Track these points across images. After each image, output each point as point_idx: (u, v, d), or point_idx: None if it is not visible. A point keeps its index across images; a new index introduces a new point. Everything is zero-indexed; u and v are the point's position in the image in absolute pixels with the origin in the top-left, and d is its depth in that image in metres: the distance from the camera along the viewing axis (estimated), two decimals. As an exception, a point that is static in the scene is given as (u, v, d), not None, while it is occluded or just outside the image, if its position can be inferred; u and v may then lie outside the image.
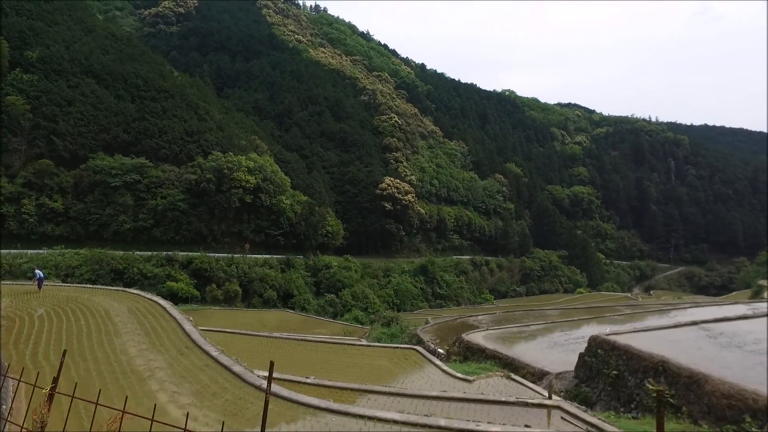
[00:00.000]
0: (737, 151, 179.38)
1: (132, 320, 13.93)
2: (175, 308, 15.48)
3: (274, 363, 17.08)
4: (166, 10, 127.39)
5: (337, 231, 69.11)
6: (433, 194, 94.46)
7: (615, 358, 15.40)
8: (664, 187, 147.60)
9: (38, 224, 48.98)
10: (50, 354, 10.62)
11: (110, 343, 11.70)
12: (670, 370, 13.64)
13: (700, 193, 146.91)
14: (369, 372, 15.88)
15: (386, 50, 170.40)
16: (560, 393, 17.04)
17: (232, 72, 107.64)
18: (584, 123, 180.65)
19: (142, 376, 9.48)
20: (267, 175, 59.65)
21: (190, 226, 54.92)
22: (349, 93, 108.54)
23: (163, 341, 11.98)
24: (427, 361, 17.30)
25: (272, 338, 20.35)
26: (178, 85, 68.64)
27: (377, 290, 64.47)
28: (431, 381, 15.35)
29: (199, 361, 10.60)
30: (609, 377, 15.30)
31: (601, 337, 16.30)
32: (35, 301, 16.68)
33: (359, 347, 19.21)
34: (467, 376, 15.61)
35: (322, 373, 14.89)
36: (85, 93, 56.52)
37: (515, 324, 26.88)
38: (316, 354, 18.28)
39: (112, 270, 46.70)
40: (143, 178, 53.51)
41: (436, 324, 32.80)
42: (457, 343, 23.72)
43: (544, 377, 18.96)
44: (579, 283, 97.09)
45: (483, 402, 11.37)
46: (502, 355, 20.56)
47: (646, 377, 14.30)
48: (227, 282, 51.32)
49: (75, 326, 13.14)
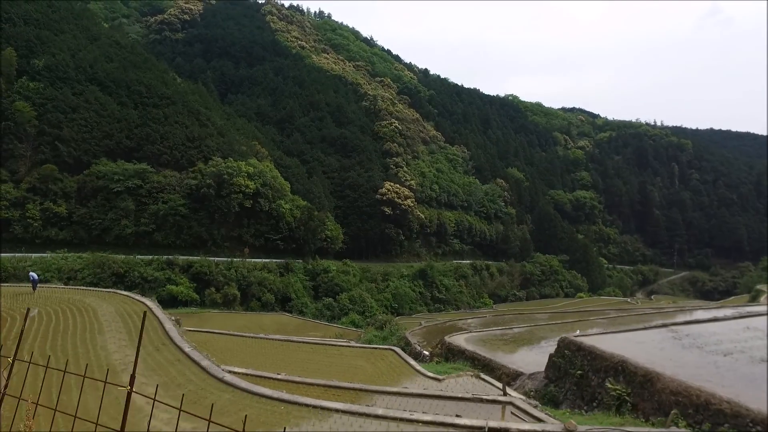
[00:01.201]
0: (743, 155, 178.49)
1: (117, 320, 14.74)
2: (159, 309, 16.27)
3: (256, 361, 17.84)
4: (172, 17, 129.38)
5: (336, 235, 69.90)
6: (433, 199, 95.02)
7: (580, 358, 15.98)
8: (667, 192, 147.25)
9: (42, 228, 50.23)
10: (35, 347, 11.43)
11: (93, 339, 12.50)
12: (628, 370, 14.21)
13: (703, 198, 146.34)
14: (344, 370, 16.54)
15: (389, 56, 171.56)
16: (530, 392, 17.66)
17: (236, 78, 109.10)
18: (587, 128, 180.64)
19: (116, 369, 10.25)
20: (266, 180, 60.62)
21: (191, 231, 55.96)
22: (351, 99, 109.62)
23: (142, 339, 12.74)
24: (402, 361, 17.94)
25: (258, 339, 21.11)
26: (180, 91, 69.95)
27: (375, 294, 65.11)
28: (403, 379, 15.99)
29: (171, 356, 11.36)
30: (574, 377, 15.89)
31: (569, 338, 16.89)
32: (30, 302, 17.55)
33: (339, 348, 19.91)
34: (438, 375, 16.22)
35: (299, 371, 15.60)
36: (89, 100, 57.87)
37: (499, 327, 27.44)
38: (297, 354, 18.99)
39: (113, 273, 47.74)
40: (145, 184, 54.65)
41: (425, 327, 33.40)
42: (440, 345, 24.36)
43: (518, 377, 19.58)
44: (580, 288, 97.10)
45: (441, 398, 12.02)
46: (480, 356, 21.19)
47: (607, 377, 14.87)
48: (226, 286, 52.22)
49: (62, 324, 13.97)
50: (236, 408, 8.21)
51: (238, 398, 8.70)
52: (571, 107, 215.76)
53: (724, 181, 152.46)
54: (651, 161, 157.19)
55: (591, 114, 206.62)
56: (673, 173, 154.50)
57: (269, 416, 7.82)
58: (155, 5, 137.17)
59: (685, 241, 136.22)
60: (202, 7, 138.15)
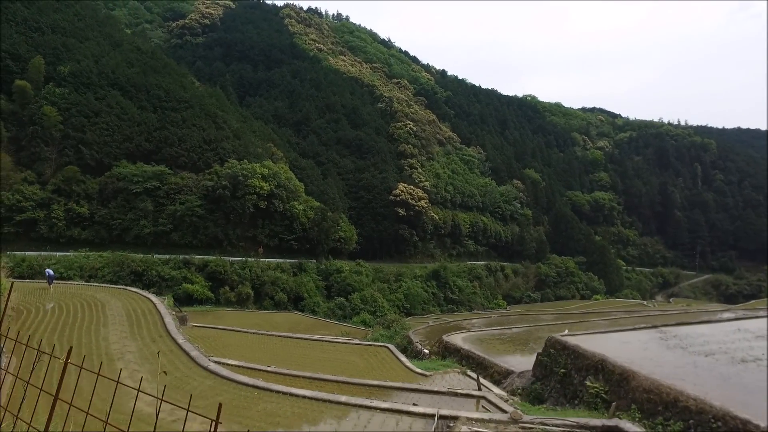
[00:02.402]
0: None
1: (122, 314, 15.77)
2: (162, 304, 17.28)
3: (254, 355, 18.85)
4: (193, 21, 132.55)
5: (350, 236, 70.82)
6: (447, 200, 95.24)
7: (564, 357, 16.38)
8: (689, 193, 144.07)
9: (66, 228, 52.39)
10: (44, 337, 12.47)
11: (97, 331, 13.51)
12: (606, 368, 14.58)
13: (728, 199, 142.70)
14: (337, 365, 17.28)
15: (407, 57, 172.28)
16: (518, 390, 18.14)
17: (254, 81, 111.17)
18: (607, 128, 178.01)
19: (112, 357, 11.18)
20: (281, 182, 61.86)
21: (207, 231, 57.50)
22: (366, 100, 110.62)
23: (142, 331, 13.73)
24: (394, 357, 18.59)
25: (260, 335, 22.02)
26: (198, 95, 71.89)
27: (387, 294, 65.75)
28: (391, 374, 16.63)
29: (165, 347, 12.26)
30: (558, 375, 16.29)
31: (555, 337, 17.29)
32: (46, 297, 18.80)
33: (335, 344, 20.66)
34: (425, 372, 16.83)
35: (293, 365, 16.40)
36: (110, 104, 60.05)
37: (499, 327, 27.83)
38: (295, 350, 19.82)
39: (132, 272, 49.47)
40: (163, 185, 56.41)
41: (430, 327, 33.94)
42: (438, 343, 24.92)
43: (509, 375, 20.05)
44: (597, 290, 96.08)
45: (417, 391, 12.65)
46: (475, 354, 21.69)
47: (588, 375, 15.25)
48: (240, 285, 53.55)
49: (72, 317, 15.06)
50: (214, 393, 9.01)
51: (217, 384, 9.51)
52: (592, 107, 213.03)
53: (750, 181, 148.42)
54: (673, 162, 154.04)
55: (611, 114, 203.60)
56: (696, 174, 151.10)
57: (242, 400, 8.58)
58: (177, 10, 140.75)
59: (708, 243, 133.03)
60: (222, 12, 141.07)
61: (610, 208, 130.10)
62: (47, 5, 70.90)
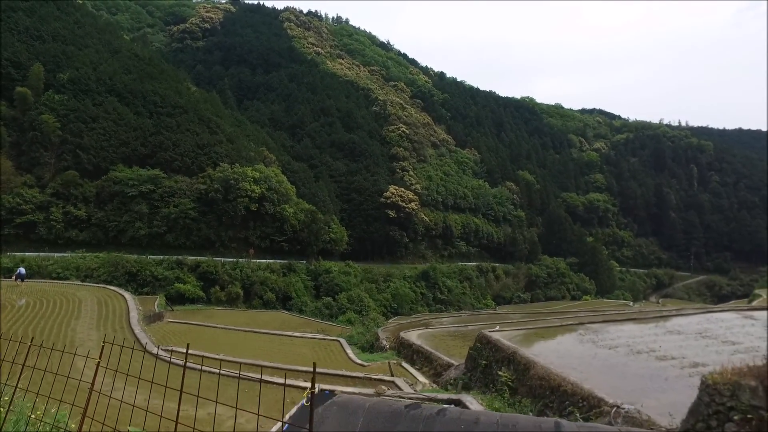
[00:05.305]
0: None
1: (94, 309, 17.85)
2: (133, 300, 19.36)
3: (215, 346, 21.31)
4: (193, 25, 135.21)
5: (341, 237, 72.80)
6: (439, 202, 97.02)
7: (488, 350, 18.30)
8: (685, 194, 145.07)
9: (64, 230, 54.74)
10: (19, 329, 14.53)
11: (68, 323, 15.57)
12: (516, 359, 16.48)
13: (723, 200, 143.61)
14: (286, 355, 19.30)
15: (405, 60, 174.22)
16: (450, 380, 20.10)
17: (252, 84, 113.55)
18: (604, 129, 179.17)
19: (74, 344, 13.21)
20: (272, 185, 63.97)
21: (200, 233, 59.70)
22: (361, 104, 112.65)
23: (107, 323, 15.78)
24: (342, 350, 20.59)
25: (227, 329, 24.07)
26: (193, 100, 74.15)
27: (375, 294, 67.68)
28: (333, 364, 18.63)
29: (123, 336, 14.28)
30: (481, 366, 18.22)
31: (483, 333, 19.22)
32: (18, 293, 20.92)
33: (292, 338, 22.68)
34: (365, 363, 18.80)
35: (246, 354, 18.43)
36: (108, 110, 62.38)
37: (457, 325, 29.72)
38: (256, 342, 21.86)
39: (126, 272, 51.67)
40: (157, 188, 58.65)
41: (399, 324, 35.80)
42: (395, 339, 26.88)
43: (449, 368, 22.01)
44: (588, 291, 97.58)
45: (339, 376, 14.65)
46: (424, 349, 23.59)
47: (502, 365, 17.16)
48: (230, 284, 55.68)
49: (49, 311, 17.14)
50: (146, 370, 11.01)
51: (153, 365, 11.54)
52: (591, 108, 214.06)
53: (745, 183, 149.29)
54: (669, 163, 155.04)
55: (610, 115, 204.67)
56: (692, 175, 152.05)
57: (165, 376, 10.59)
58: (178, 14, 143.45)
59: (703, 244, 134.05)
60: (222, 16, 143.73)
61: (604, 210, 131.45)
62: (48, 14, 73.42)
